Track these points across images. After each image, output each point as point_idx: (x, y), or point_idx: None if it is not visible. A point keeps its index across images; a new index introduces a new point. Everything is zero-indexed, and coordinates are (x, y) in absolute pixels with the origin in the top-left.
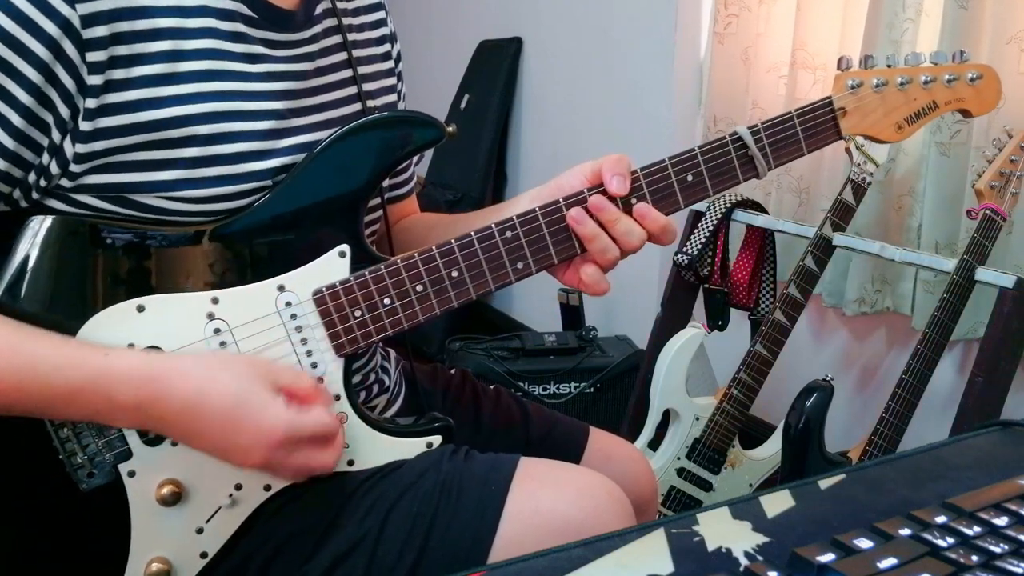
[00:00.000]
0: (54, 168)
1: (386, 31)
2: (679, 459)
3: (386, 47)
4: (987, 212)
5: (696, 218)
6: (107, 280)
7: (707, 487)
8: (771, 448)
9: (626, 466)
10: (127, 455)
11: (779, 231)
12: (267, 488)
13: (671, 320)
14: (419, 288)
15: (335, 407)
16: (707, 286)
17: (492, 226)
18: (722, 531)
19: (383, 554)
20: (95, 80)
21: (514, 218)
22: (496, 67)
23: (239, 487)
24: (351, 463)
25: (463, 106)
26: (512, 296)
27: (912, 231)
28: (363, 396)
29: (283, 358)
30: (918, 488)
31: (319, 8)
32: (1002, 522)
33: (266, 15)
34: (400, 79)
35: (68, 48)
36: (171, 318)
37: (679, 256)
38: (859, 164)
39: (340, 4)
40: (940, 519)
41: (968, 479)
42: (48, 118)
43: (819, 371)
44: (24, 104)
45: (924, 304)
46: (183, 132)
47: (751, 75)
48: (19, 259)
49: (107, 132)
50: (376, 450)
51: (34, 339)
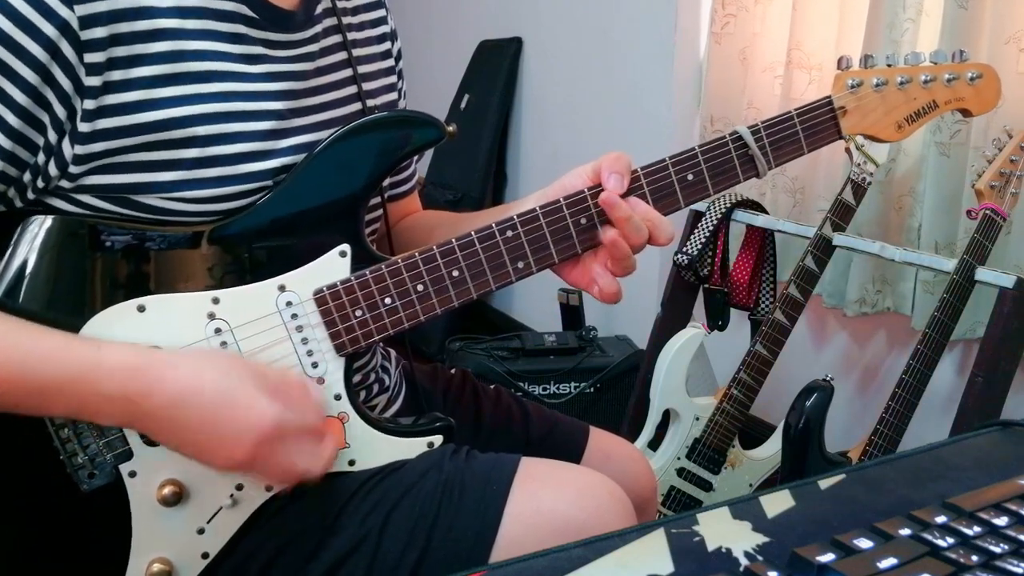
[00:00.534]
0: (52, 169)
1: (386, 29)
2: (679, 459)
3: (386, 45)
4: (987, 212)
5: (696, 218)
6: (107, 280)
7: (707, 487)
8: (771, 448)
9: (626, 466)
10: (128, 455)
11: (779, 231)
12: (268, 488)
13: (671, 320)
14: (420, 287)
15: (335, 407)
16: (707, 286)
17: (493, 225)
18: (722, 531)
19: (385, 554)
20: (93, 81)
21: (515, 217)
22: (496, 67)
23: (240, 487)
24: (352, 463)
25: (463, 106)
26: (512, 296)
27: (912, 231)
28: (363, 395)
29: (284, 358)
30: (918, 488)
31: (319, 8)
32: (1002, 522)
33: (266, 15)
34: (401, 77)
35: (66, 49)
36: (172, 318)
37: (679, 256)
38: (859, 164)
39: (340, 3)
40: (940, 519)
41: (968, 479)
42: (44, 118)
43: (819, 371)
44: (20, 104)
45: (924, 304)
46: (183, 133)
47: (748, 75)
48: (19, 260)
49: (106, 133)
50: (377, 450)
51: (27, 330)
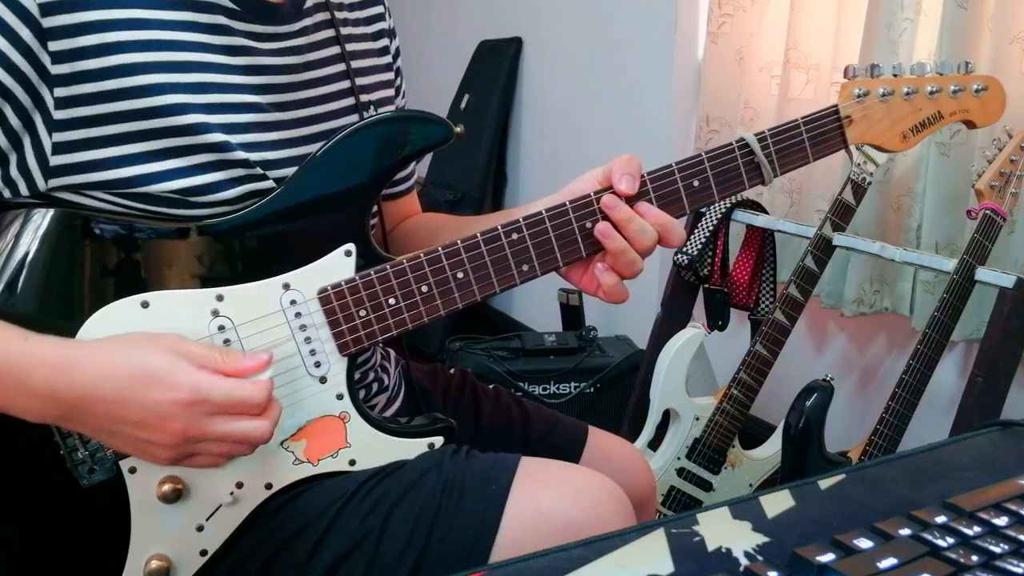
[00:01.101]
0: (31, 159)
1: (383, 26)
2: (679, 459)
3: (383, 42)
4: (987, 212)
5: (696, 218)
6: (110, 276)
7: (707, 487)
8: (771, 448)
9: (626, 465)
10: None
11: (779, 231)
12: (268, 487)
13: (671, 320)
14: (424, 289)
15: (337, 407)
16: (707, 286)
17: (498, 228)
18: (722, 531)
19: (384, 553)
20: (61, 69)
21: (520, 220)
22: (496, 67)
23: (240, 485)
24: (352, 463)
25: (463, 106)
26: (512, 296)
27: (911, 231)
28: (363, 394)
29: (287, 357)
30: (918, 488)
31: (309, 1)
32: (1002, 522)
33: (248, 7)
34: (399, 74)
35: (26, 36)
36: (175, 315)
37: (679, 256)
38: (859, 164)
39: None
40: (940, 519)
41: (968, 479)
42: (5, 108)
43: (819, 371)
44: None
45: (923, 305)
46: (163, 123)
47: (744, 75)
48: (20, 254)
49: (85, 121)
50: (378, 450)
51: None
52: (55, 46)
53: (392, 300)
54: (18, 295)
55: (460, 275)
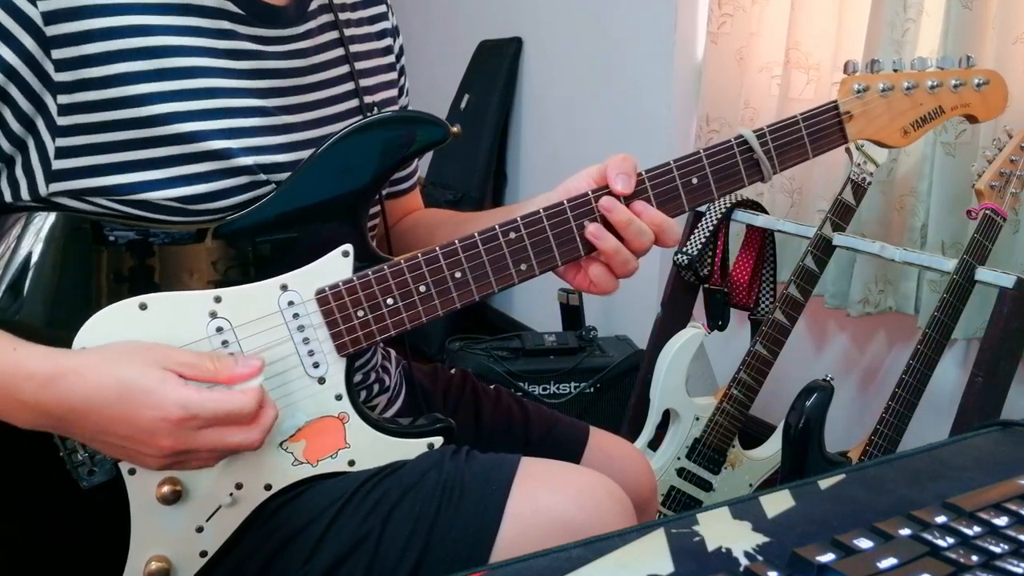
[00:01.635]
0: (35, 161)
1: (386, 25)
2: (679, 459)
3: (387, 42)
4: (987, 212)
5: (696, 218)
6: (108, 278)
7: (707, 487)
8: (771, 448)
9: (626, 465)
10: None
11: (779, 231)
12: (268, 487)
13: (671, 320)
14: (422, 288)
15: (336, 407)
16: (707, 286)
17: (496, 227)
18: (722, 531)
19: (384, 554)
20: (64, 77)
21: (518, 219)
22: (496, 67)
23: (240, 486)
24: (352, 463)
25: (463, 106)
26: (512, 296)
27: (915, 231)
28: (364, 395)
29: (285, 358)
30: (918, 488)
31: (314, 3)
32: (1002, 522)
33: (253, 11)
34: (402, 74)
35: (28, 44)
36: (173, 317)
37: (679, 256)
38: (859, 164)
39: None
40: (940, 519)
41: (968, 479)
42: (5, 112)
43: (819, 371)
44: None
45: (929, 304)
46: (167, 130)
47: (744, 75)
48: (20, 257)
49: (87, 128)
50: (377, 451)
51: None
52: (58, 54)
53: (390, 300)
54: (17, 297)
55: (458, 275)
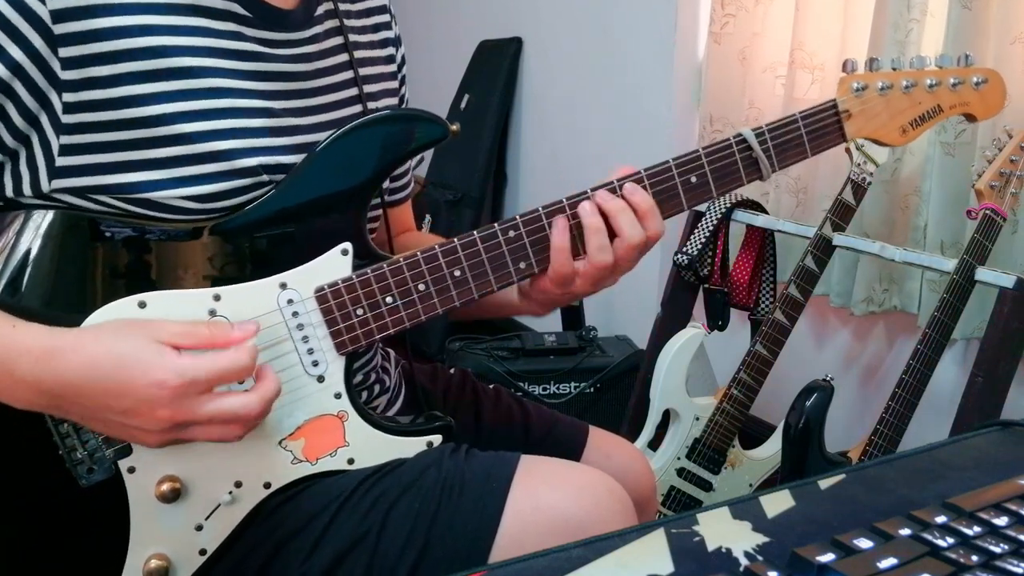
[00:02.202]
0: (39, 156)
1: (390, 34)
2: (679, 459)
3: (389, 50)
4: (987, 212)
5: (696, 218)
6: (108, 275)
7: (707, 487)
8: (771, 448)
9: (626, 465)
10: (127, 451)
11: (779, 231)
12: (267, 486)
13: (671, 320)
14: (421, 287)
15: (336, 406)
16: (707, 286)
17: (495, 225)
18: (722, 531)
19: (384, 552)
20: (70, 75)
21: (517, 217)
22: (496, 67)
23: (239, 484)
24: (351, 461)
25: (463, 106)
26: None
27: (918, 230)
28: (364, 396)
29: (284, 356)
30: (918, 488)
31: (320, 9)
32: (1002, 522)
33: (260, 14)
34: (403, 83)
35: (36, 41)
36: (173, 315)
37: (679, 256)
38: (859, 164)
39: (343, 5)
40: (940, 519)
41: (968, 479)
42: (9, 107)
43: (819, 371)
44: None
45: (930, 303)
46: (171, 130)
47: (747, 75)
48: (20, 254)
49: (92, 126)
50: (377, 449)
51: None
52: (65, 52)
53: (389, 299)
54: (16, 294)
55: (457, 273)
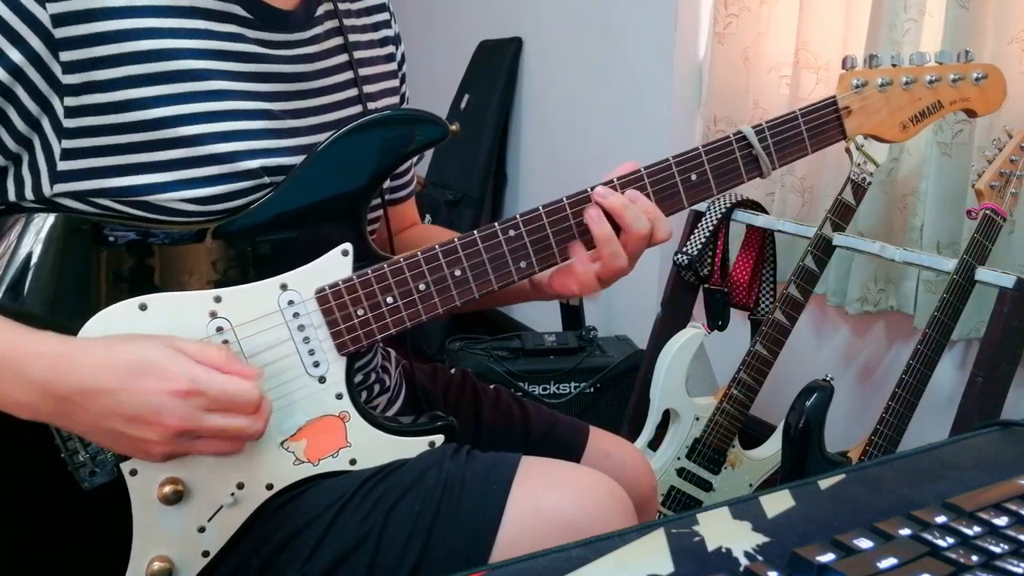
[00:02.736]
0: (40, 160)
1: (389, 33)
2: (679, 459)
3: (389, 49)
4: (987, 212)
5: (696, 218)
6: (109, 278)
7: (707, 487)
8: (771, 448)
9: (626, 465)
10: None
11: (779, 231)
12: (269, 487)
13: (671, 320)
14: (422, 287)
15: (337, 406)
16: (707, 286)
17: (495, 225)
18: (722, 531)
19: (385, 553)
20: (71, 79)
21: (517, 217)
22: (496, 67)
23: (241, 486)
24: (353, 462)
25: (463, 106)
26: None
27: (915, 231)
28: (364, 396)
29: (286, 357)
30: (918, 488)
31: (320, 9)
32: (1002, 522)
33: (261, 15)
34: (403, 82)
35: (36, 46)
36: (173, 317)
37: (679, 256)
38: (859, 164)
39: (343, 5)
40: (940, 519)
41: (968, 479)
42: (10, 111)
43: (819, 371)
44: None
45: (927, 304)
46: (172, 133)
47: (751, 75)
48: (21, 257)
49: (94, 130)
50: (378, 450)
51: None
52: (67, 56)
53: (390, 299)
54: (18, 297)
55: (458, 272)
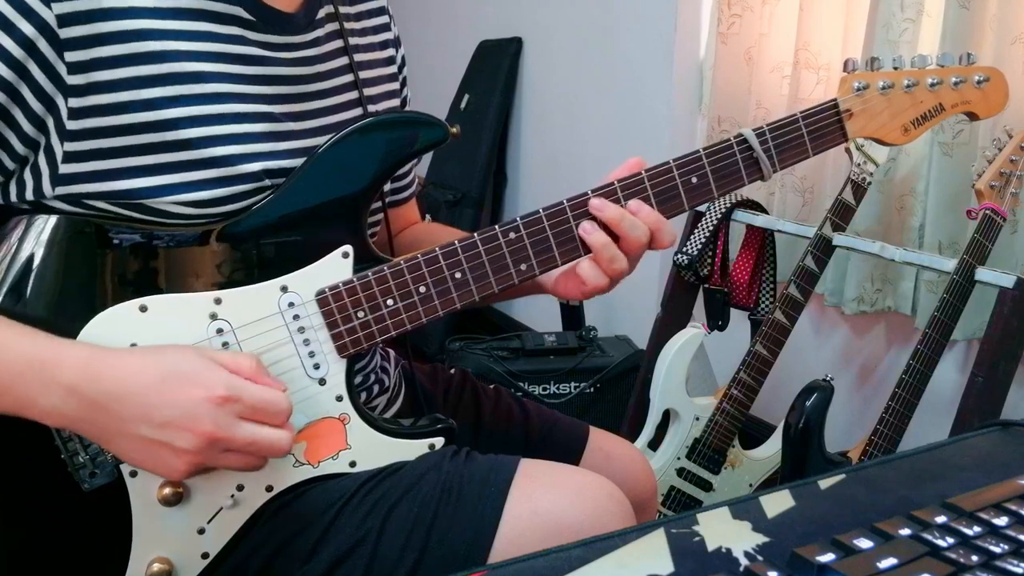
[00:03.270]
0: (43, 162)
1: (389, 35)
2: (679, 459)
3: (390, 51)
4: (987, 212)
5: (696, 218)
6: (109, 280)
7: (707, 487)
8: (771, 448)
9: (626, 465)
10: None
11: (779, 231)
12: (269, 489)
13: (671, 320)
14: (422, 289)
15: (337, 408)
16: (707, 286)
17: (496, 227)
18: (722, 531)
19: (383, 555)
20: (76, 80)
21: (518, 219)
22: (496, 67)
23: (241, 488)
24: (353, 464)
25: (463, 106)
26: None
27: (914, 231)
28: (364, 396)
29: (286, 359)
30: (918, 488)
31: (321, 12)
32: (1002, 522)
33: (264, 17)
34: (404, 84)
35: (43, 47)
36: (174, 319)
37: (679, 256)
38: (859, 164)
39: (343, 8)
40: (940, 519)
41: (968, 479)
42: (16, 112)
43: (819, 371)
44: None
45: (927, 304)
46: (175, 135)
47: (754, 75)
48: (23, 259)
49: (95, 132)
50: (378, 452)
51: None
52: (72, 57)
53: (390, 301)
54: (18, 300)
55: (458, 275)
